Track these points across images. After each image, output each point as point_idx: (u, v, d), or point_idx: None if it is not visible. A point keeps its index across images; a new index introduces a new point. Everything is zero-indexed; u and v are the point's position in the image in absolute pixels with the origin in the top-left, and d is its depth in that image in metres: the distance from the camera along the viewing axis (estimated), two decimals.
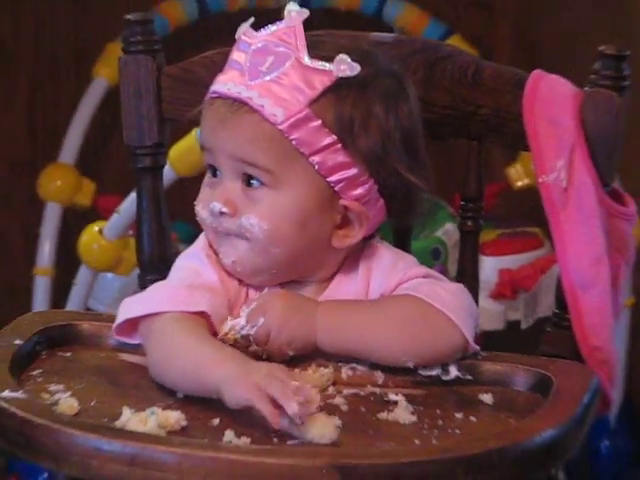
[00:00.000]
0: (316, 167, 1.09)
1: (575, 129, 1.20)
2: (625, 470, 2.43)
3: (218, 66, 1.23)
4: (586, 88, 1.22)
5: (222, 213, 1.10)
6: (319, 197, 1.12)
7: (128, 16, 1.32)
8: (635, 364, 2.36)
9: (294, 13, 1.13)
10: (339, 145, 1.08)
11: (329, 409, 1.04)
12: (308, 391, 0.95)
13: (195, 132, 1.84)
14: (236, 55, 1.11)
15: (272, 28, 1.14)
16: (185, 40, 2.22)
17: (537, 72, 1.24)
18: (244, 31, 1.12)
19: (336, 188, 1.11)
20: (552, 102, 1.21)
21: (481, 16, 2.59)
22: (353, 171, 1.10)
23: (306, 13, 1.13)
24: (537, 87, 1.23)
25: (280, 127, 1.06)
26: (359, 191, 1.12)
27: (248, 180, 1.09)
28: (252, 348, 1.08)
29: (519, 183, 2.25)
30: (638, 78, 1.38)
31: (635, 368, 2.38)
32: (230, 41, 1.23)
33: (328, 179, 1.10)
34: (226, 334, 1.09)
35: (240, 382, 0.97)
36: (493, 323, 2.09)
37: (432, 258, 2.12)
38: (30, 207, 2.34)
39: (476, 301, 1.24)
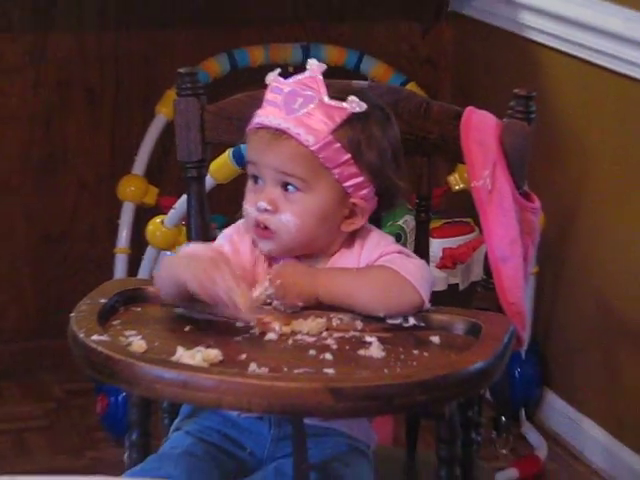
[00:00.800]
0: (336, 177, 1.06)
1: (497, 149, 1.12)
2: (533, 390, 2.29)
3: (245, 105, 1.20)
4: (505, 119, 1.15)
5: (266, 210, 1.06)
6: (337, 198, 1.09)
7: (180, 70, 1.28)
8: (538, 314, 2.22)
9: (315, 66, 1.10)
10: (352, 161, 1.05)
11: (323, 348, 0.98)
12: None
13: (228, 152, 1.78)
14: (271, 96, 1.07)
15: (298, 77, 1.11)
16: (221, 86, 2.15)
17: (470, 108, 1.16)
18: (273, 78, 1.09)
19: (348, 191, 1.08)
20: (480, 129, 1.14)
21: (430, 69, 2.53)
22: (360, 179, 1.07)
23: (324, 67, 1.11)
24: (470, 119, 1.14)
25: (312, 149, 1.04)
26: (363, 192, 1.09)
27: (285, 186, 1.06)
28: (274, 303, 1.03)
29: (457, 187, 2.16)
30: (542, 111, 1.32)
31: (538, 317, 2.24)
32: (252, 87, 1.24)
33: (344, 185, 1.07)
34: (257, 296, 1.04)
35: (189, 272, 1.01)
36: (439, 286, 2.02)
37: (396, 241, 2.05)
38: (112, 205, 2.27)
39: None
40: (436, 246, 2.02)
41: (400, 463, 1.23)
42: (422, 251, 1.23)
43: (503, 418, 2.05)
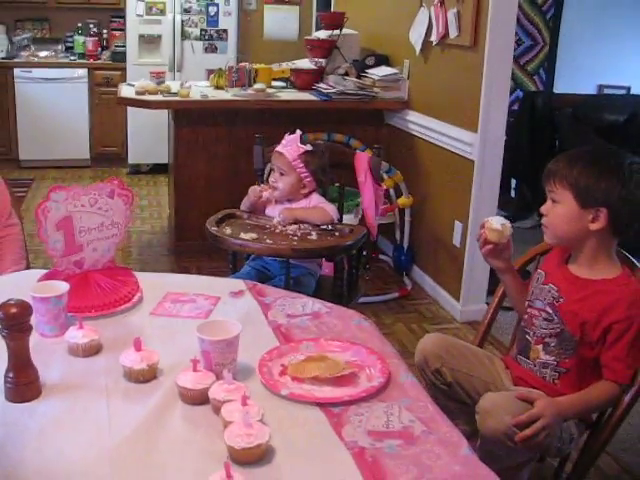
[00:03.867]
0: (298, 171, 2.57)
1: (367, 166, 2.67)
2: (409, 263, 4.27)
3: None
4: (372, 155, 2.73)
5: (274, 181, 2.72)
6: (297, 179, 2.61)
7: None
8: (413, 233, 4.15)
9: (299, 132, 2.66)
10: (304, 166, 2.63)
11: (297, 236, 2.58)
12: None
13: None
14: (281, 145, 2.65)
15: (288, 138, 2.66)
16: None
17: (357, 152, 2.80)
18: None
19: (302, 177, 2.58)
20: (361, 158, 2.72)
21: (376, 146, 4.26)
22: (307, 173, 2.57)
23: (300, 133, 2.69)
24: (359, 155, 2.76)
25: (290, 160, 2.59)
26: (308, 179, 2.59)
27: (280, 173, 2.70)
28: (277, 219, 2.66)
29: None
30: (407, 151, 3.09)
31: (414, 235, 4.14)
32: None
33: (301, 175, 2.63)
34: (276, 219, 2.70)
35: None
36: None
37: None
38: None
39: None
40: None
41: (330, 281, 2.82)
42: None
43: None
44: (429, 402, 1.48)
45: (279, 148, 2.65)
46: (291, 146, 2.63)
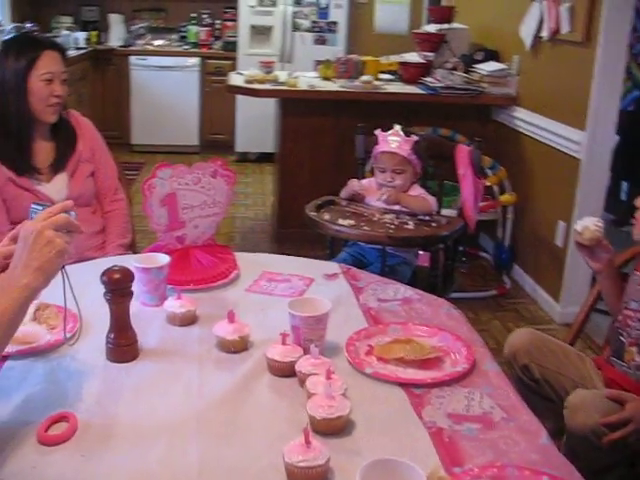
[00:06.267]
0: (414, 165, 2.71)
1: (468, 159, 2.70)
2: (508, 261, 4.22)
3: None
4: (472, 147, 2.73)
5: (389, 180, 2.76)
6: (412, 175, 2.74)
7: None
8: (515, 231, 4.09)
9: (398, 127, 2.72)
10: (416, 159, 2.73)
11: (394, 225, 2.63)
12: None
13: None
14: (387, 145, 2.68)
15: (391, 137, 2.70)
16: None
17: (459, 145, 2.76)
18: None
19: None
20: (462, 150, 2.72)
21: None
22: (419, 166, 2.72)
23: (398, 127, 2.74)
24: (460, 148, 2.76)
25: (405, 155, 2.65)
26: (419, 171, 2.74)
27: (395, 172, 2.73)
28: (382, 199, 2.72)
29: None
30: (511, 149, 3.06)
31: (516, 233, 4.08)
32: None
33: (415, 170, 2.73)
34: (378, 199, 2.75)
35: None
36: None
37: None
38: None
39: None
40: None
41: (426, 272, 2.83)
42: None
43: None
44: (511, 391, 1.49)
45: (387, 148, 2.68)
46: (401, 143, 2.66)
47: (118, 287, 1.53)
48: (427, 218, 2.61)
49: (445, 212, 2.88)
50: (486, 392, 1.48)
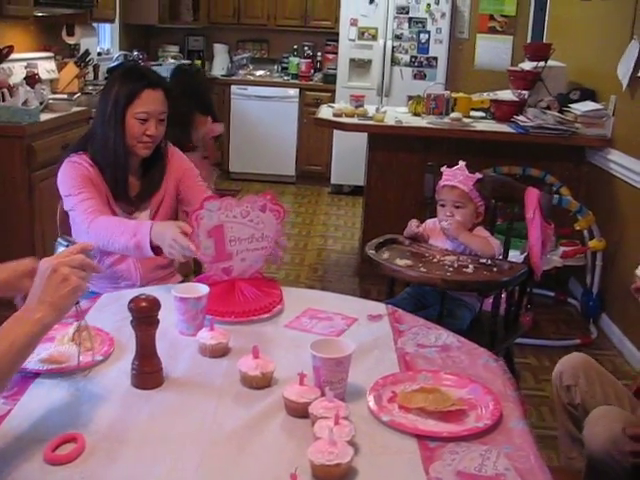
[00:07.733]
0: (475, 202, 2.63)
1: (536, 203, 2.59)
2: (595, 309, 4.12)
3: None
4: (542, 193, 2.63)
5: (448, 215, 2.72)
6: (473, 211, 2.69)
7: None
8: (605, 279, 3.90)
9: (460, 167, 2.70)
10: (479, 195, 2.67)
11: (453, 268, 2.59)
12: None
13: None
14: (449, 179, 2.66)
15: (454, 172, 2.65)
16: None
17: (529, 187, 2.69)
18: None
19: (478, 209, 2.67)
20: (532, 193, 2.64)
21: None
22: (482, 203, 2.67)
23: (463, 163, 2.71)
24: (530, 191, 2.69)
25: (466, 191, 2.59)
26: (481, 210, 2.69)
27: (456, 206, 2.69)
28: (444, 227, 2.67)
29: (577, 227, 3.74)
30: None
31: (605, 281, 3.91)
32: None
33: (477, 205, 2.68)
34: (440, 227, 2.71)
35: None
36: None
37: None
38: None
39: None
40: None
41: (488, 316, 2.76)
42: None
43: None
44: (533, 453, 1.42)
45: (449, 182, 2.65)
46: (463, 177, 2.63)
47: (144, 315, 1.57)
48: (488, 262, 2.55)
49: (513, 254, 2.80)
50: (505, 452, 1.42)
